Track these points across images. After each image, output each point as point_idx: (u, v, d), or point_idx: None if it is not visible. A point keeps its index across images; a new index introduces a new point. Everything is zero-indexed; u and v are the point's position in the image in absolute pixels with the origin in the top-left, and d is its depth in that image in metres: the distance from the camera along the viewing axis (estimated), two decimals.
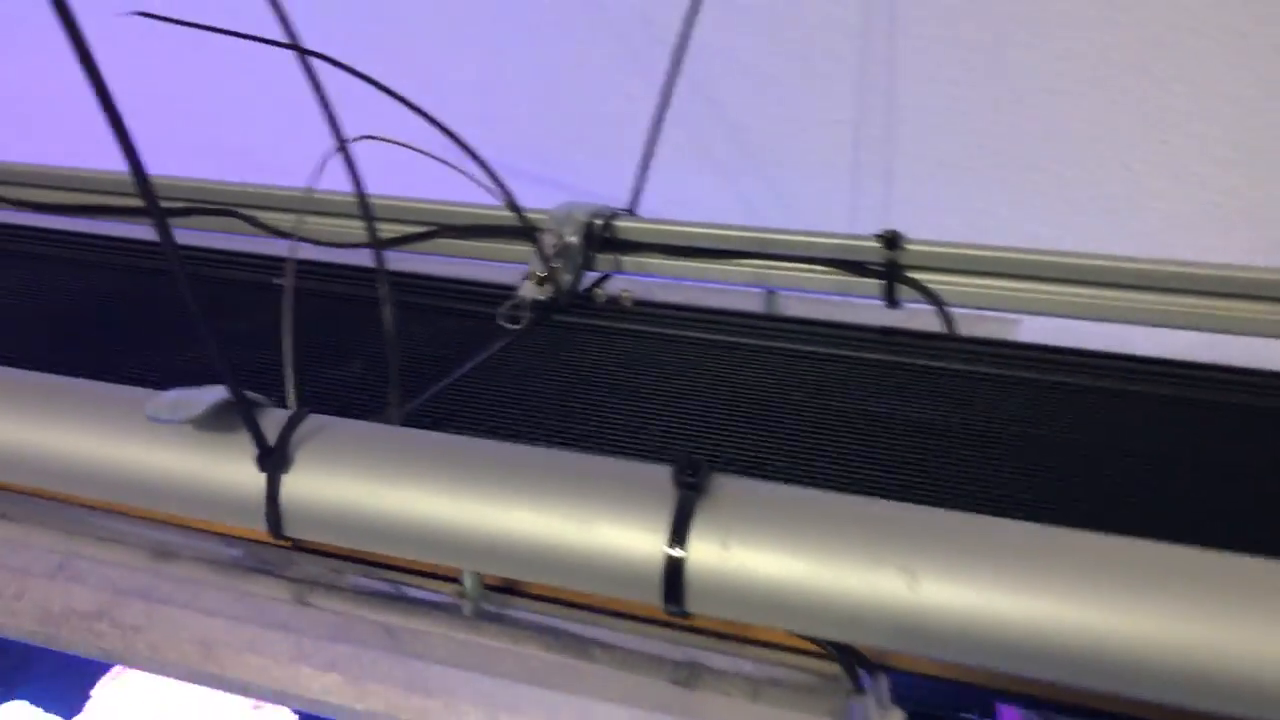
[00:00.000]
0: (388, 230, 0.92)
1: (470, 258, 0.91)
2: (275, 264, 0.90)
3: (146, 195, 0.45)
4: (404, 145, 0.74)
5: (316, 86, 0.61)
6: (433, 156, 0.75)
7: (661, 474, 0.49)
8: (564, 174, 1.20)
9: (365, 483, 0.53)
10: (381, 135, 0.73)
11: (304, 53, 0.60)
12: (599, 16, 1.14)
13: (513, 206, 0.80)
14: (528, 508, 0.50)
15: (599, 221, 0.87)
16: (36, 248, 0.97)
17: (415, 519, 0.52)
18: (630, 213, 0.91)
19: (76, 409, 0.57)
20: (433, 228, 0.92)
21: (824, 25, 1.06)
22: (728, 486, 0.49)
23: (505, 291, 0.83)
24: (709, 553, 0.48)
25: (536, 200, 0.90)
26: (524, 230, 0.82)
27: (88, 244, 0.97)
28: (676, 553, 0.48)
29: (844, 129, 1.09)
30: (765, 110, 1.12)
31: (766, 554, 0.47)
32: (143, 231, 1.00)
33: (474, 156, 0.77)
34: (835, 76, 1.07)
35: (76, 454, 0.56)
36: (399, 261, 0.92)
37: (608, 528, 0.49)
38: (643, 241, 0.87)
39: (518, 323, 0.79)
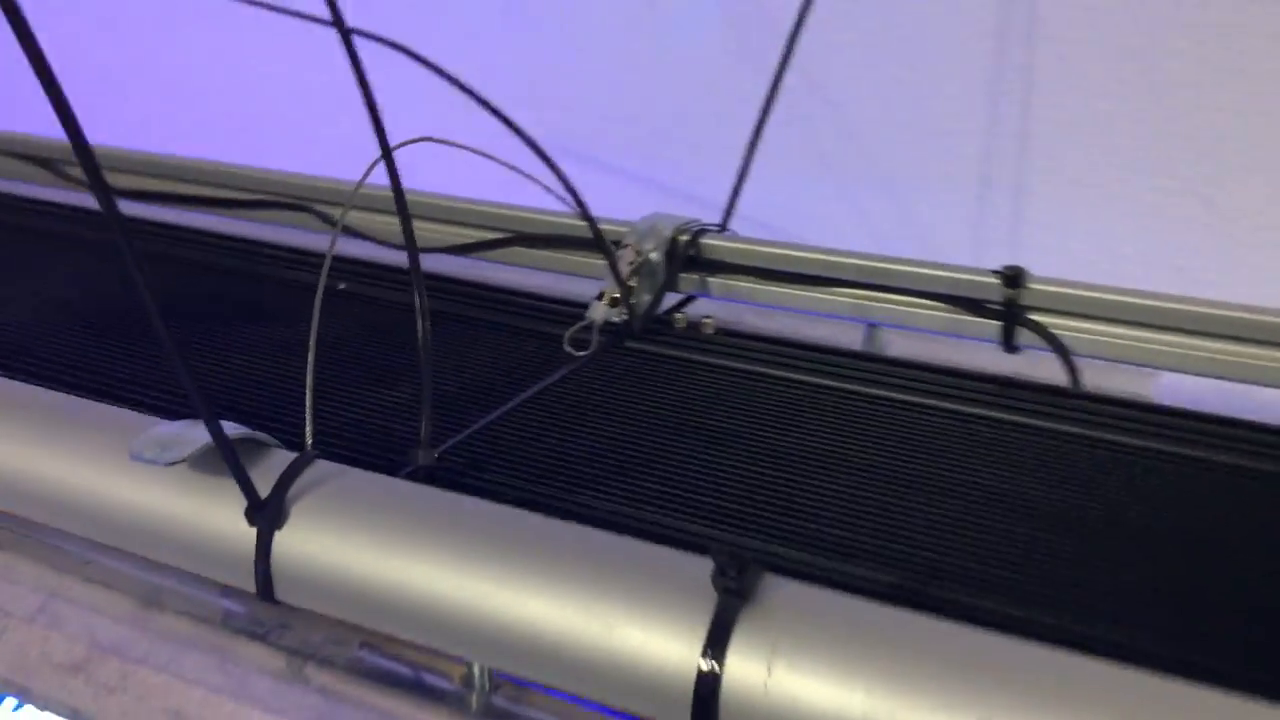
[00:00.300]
0: (459, 235, 0.85)
1: (547, 269, 0.84)
2: (345, 264, 0.83)
3: (90, 170, 0.38)
4: (466, 148, 0.67)
5: (362, 81, 0.54)
6: (496, 159, 0.68)
7: (701, 569, 0.41)
8: (665, 175, 1.12)
9: (364, 548, 0.46)
10: (444, 135, 0.65)
11: (345, 35, 0.53)
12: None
13: (584, 216, 0.72)
14: (544, 597, 0.43)
15: (684, 237, 0.78)
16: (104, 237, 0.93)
17: (417, 596, 0.45)
18: (722, 228, 0.83)
19: (62, 434, 0.52)
20: (507, 235, 0.84)
21: (955, 23, 0.96)
22: (778, 591, 0.41)
23: (580, 309, 0.75)
24: (749, 672, 0.40)
25: (630, 205, 0.82)
26: (599, 243, 0.73)
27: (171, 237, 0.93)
28: (710, 668, 0.40)
29: (972, 139, 0.98)
30: (887, 115, 1.02)
31: (818, 680, 0.39)
32: (216, 223, 0.95)
33: (544, 157, 0.69)
34: (965, 80, 0.97)
35: (56, 483, 0.51)
36: (470, 270, 0.85)
37: (633, 631, 0.41)
38: (733, 262, 0.78)
39: (584, 348, 0.72)
